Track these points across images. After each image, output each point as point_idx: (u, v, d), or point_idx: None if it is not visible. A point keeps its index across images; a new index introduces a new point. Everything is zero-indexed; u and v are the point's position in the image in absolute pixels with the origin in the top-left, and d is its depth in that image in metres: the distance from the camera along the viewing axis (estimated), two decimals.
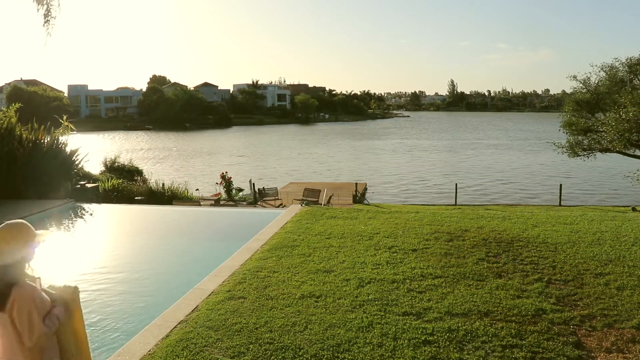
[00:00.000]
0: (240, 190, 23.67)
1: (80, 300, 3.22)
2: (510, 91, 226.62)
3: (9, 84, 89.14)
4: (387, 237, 8.78)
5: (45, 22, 10.20)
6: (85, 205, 13.70)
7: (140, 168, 26.22)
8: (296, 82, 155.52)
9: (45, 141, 14.72)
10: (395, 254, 7.71)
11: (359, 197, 22.09)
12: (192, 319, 5.41)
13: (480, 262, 7.32)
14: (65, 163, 15.08)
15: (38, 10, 10.21)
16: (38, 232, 3.00)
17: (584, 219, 10.43)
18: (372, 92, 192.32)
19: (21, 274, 2.85)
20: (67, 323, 3.02)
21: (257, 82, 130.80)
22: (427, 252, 7.86)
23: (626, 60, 22.84)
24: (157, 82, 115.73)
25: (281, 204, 18.98)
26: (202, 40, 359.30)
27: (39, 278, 2.97)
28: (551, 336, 4.97)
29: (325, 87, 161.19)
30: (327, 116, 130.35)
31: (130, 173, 23.84)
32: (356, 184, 24.53)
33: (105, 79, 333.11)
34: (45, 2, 10.12)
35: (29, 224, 2.97)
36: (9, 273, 2.81)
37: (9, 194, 13.44)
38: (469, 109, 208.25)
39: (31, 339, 2.80)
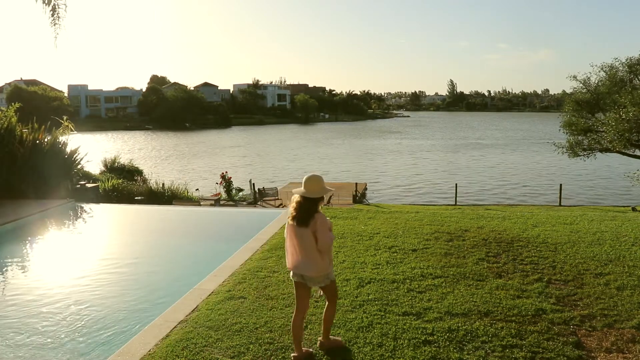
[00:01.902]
0: (240, 190, 23.69)
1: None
2: (510, 91, 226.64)
3: (9, 84, 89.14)
4: (387, 237, 8.77)
5: (52, 22, 10.15)
6: (85, 205, 13.70)
7: (140, 168, 26.24)
8: (296, 82, 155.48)
9: (46, 141, 14.71)
10: (395, 254, 7.71)
11: (359, 197, 22.10)
12: (192, 319, 5.41)
13: (480, 262, 7.32)
14: (65, 163, 15.07)
15: (45, 11, 10.16)
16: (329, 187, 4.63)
17: (584, 219, 10.43)
18: (372, 92, 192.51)
19: (319, 207, 4.43)
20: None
21: (257, 82, 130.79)
22: (427, 252, 7.86)
23: (626, 60, 22.87)
24: (158, 82, 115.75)
25: (281, 204, 18.98)
26: (202, 40, 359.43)
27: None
28: (551, 336, 4.97)
29: (325, 87, 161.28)
30: (327, 116, 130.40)
31: (130, 173, 23.84)
32: (356, 184, 24.55)
33: (105, 79, 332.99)
34: (51, 2, 10.07)
35: None
36: (315, 205, 4.42)
37: (9, 194, 13.44)
38: (469, 109, 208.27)
39: (326, 243, 4.39)
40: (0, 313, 6.58)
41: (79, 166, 16.21)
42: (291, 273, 4.66)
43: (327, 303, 4.76)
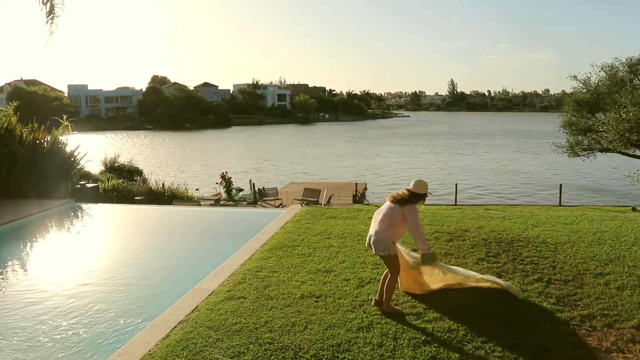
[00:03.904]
0: (240, 190, 23.68)
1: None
2: (510, 91, 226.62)
3: (9, 84, 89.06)
4: None
5: (48, 21, 10.14)
6: (85, 205, 13.70)
7: (140, 168, 26.24)
8: (296, 82, 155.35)
9: (46, 141, 14.72)
10: None
11: (359, 197, 22.09)
12: (192, 319, 5.41)
13: (480, 262, 7.32)
14: (65, 163, 15.07)
15: (42, 9, 10.14)
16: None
17: (584, 219, 10.42)
18: (372, 92, 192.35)
19: (416, 203, 5.64)
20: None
21: (257, 82, 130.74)
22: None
23: (626, 60, 22.86)
24: (158, 83, 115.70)
25: (281, 204, 18.98)
26: (203, 41, 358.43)
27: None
28: (551, 336, 4.97)
29: (325, 87, 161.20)
30: (327, 116, 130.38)
31: (130, 173, 23.85)
32: (356, 184, 24.57)
33: (105, 79, 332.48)
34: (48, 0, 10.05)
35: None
36: (413, 198, 5.63)
37: (9, 193, 13.44)
38: (469, 109, 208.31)
39: (414, 221, 5.54)
40: (0, 313, 6.58)
41: (78, 166, 16.21)
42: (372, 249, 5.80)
43: (389, 274, 5.69)
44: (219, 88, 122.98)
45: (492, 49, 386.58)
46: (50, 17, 10.11)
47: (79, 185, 15.42)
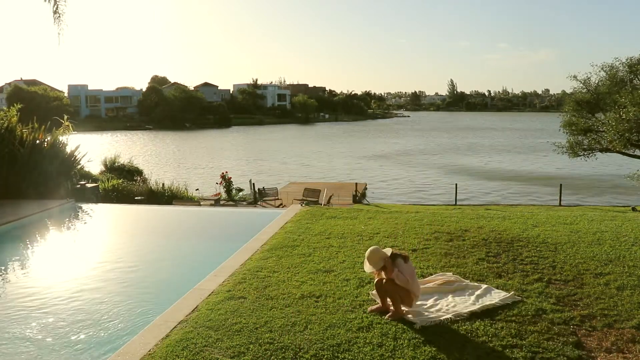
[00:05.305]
0: (240, 190, 23.69)
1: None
2: (510, 91, 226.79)
3: (9, 84, 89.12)
4: (387, 237, 8.77)
5: (55, 19, 10.13)
6: (85, 205, 13.70)
7: (140, 168, 26.26)
8: (296, 82, 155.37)
9: (46, 141, 14.71)
10: None
11: (359, 197, 22.10)
12: (192, 319, 5.41)
13: (480, 262, 7.32)
14: (65, 163, 15.06)
15: (47, 6, 10.12)
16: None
17: (584, 219, 10.42)
18: (372, 92, 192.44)
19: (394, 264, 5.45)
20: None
21: (257, 82, 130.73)
22: (427, 252, 7.86)
23: (626, 60, 22.84)
24: (158, 83, 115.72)
25: (281, 204, 18.98)
26: (202, 41, 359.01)
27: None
28: (551, 336, 4.97)
29: (325, 87, 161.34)
30: (327, 116, 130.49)
31: (130, 173, 23.88)
32: (356, 184, 24.56)
33: (105, 79, 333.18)
34: None
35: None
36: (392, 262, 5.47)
37: (9, 194, 13.43)
38: (469, 109, 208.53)
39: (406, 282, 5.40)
40: (0, 312, 6.59)
41: (79, 166, 16.21)
42: None
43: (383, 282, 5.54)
44: (219, 88, 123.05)
45: (492, 48, 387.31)
46: (57, 15, 10.10)
47: (79, 185, 15.42)
